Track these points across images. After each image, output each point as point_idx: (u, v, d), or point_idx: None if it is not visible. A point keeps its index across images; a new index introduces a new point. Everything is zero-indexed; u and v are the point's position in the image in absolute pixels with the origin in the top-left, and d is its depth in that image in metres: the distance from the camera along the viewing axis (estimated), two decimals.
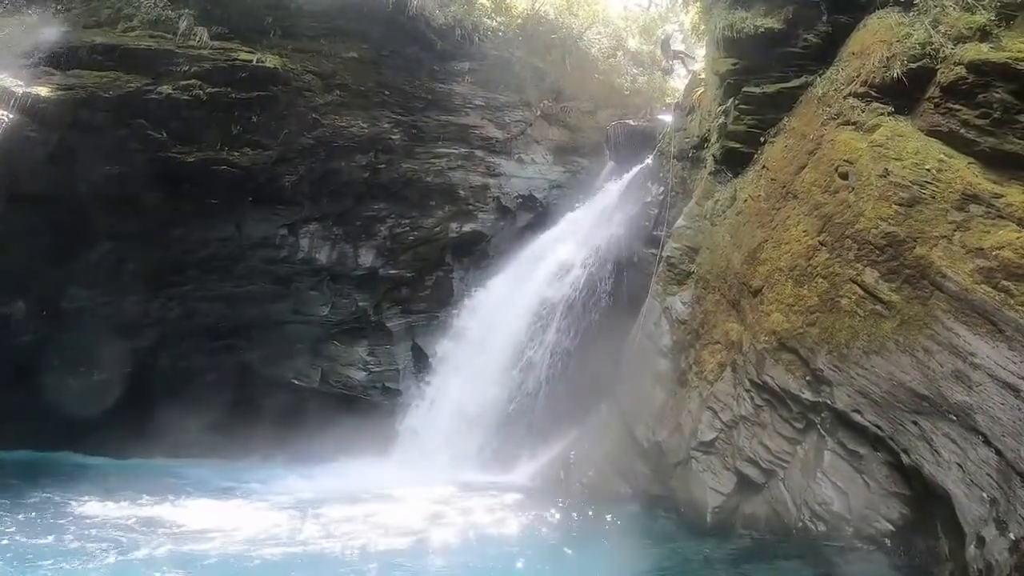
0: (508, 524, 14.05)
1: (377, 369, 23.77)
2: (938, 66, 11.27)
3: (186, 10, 19.17)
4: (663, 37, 21.86)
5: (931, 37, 11.44)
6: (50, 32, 17.77)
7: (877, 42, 12.42)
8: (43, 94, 16.84)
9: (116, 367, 20.57)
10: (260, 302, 22.06)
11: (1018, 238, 9.66)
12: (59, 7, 18.78)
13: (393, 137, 22.46)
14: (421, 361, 23.79)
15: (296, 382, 23.12)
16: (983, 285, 9.72)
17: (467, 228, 24.31)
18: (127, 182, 18.35)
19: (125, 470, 18.47)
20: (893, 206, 11.03)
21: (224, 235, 20.78)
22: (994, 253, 9.76)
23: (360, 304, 23.47)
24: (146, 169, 18.49)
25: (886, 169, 11.30)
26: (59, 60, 17.62)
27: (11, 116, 16.17)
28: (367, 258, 23.21)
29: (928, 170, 10.86)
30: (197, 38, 18.96)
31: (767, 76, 14.86)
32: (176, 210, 19.65)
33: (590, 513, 14.97)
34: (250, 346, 22.51)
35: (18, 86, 16.56)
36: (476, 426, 20.27)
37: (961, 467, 9.53)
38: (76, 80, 17.55)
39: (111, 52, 18.14)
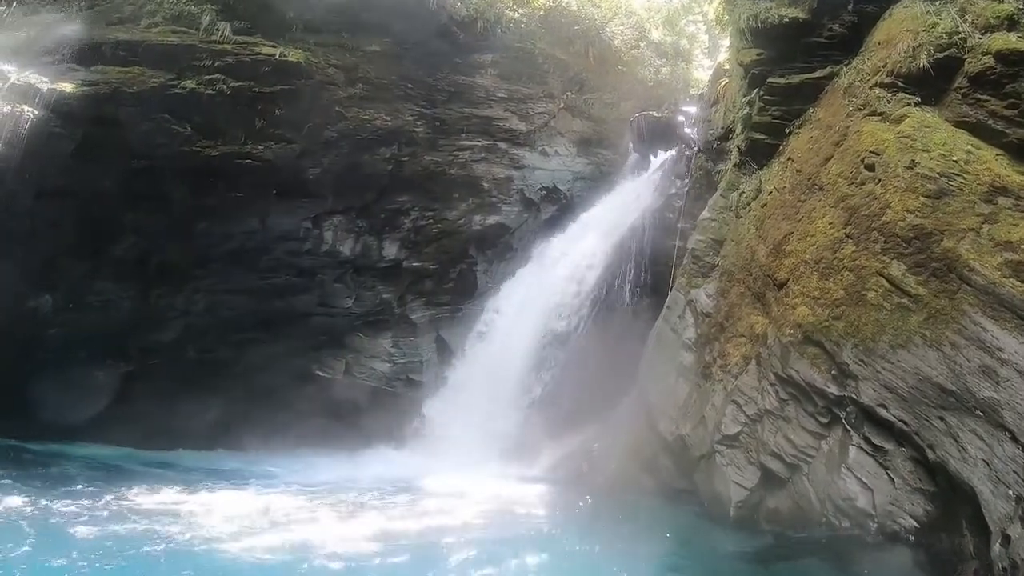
0: (529, 516, 14.09)
1: (401, 361, 23.86)
2: (965, 56, 11.09)
3: (208, 5, 19.28)
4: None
5: (958, 26, 11.25)
6: (74, 29, 17.94)
7: (903, 31, 12.23)
8: (68, 90, 17.03)
9: (142, 360, 20.79)
10: (284, 295, 22.17)
11: None
12: (82, 4, 18.96)
13: (416, 130, 22.51)
14: (445, 353, 23.84)
15: (320, 374, 23.22)
16: (1011, 279, 9.56)
17: (491, 220, 24.30)
18: (152, 176, 18.51)
19: (150, 461, 18.63)
20: (920, 198, 10.86)
21: (248, 228, 20.89)
22: (1023, 246, 9.59)
23: (384, 296, 23.55)
24: (171, 163, 18.66)
25: (913, 160, 11.13)
26: (83, 57, 17.82)
27: (37, 112, 16.38)
28: (391, 250, 23.28)
29: (956, 162, 10.69)
30: (220, 33, 19.04)
31: (792, 66, 14.70)
32: (200, 204, 19.77)
33: (613, 506, 14.95)
34: (275, 338, 22.60)
35: (43, 83, 16.76)
36: (499, 418, 20.33)
37: (987, 464, 9.39)
38: (100, 76, 17.72)
39: (134, 48, 18.29)
